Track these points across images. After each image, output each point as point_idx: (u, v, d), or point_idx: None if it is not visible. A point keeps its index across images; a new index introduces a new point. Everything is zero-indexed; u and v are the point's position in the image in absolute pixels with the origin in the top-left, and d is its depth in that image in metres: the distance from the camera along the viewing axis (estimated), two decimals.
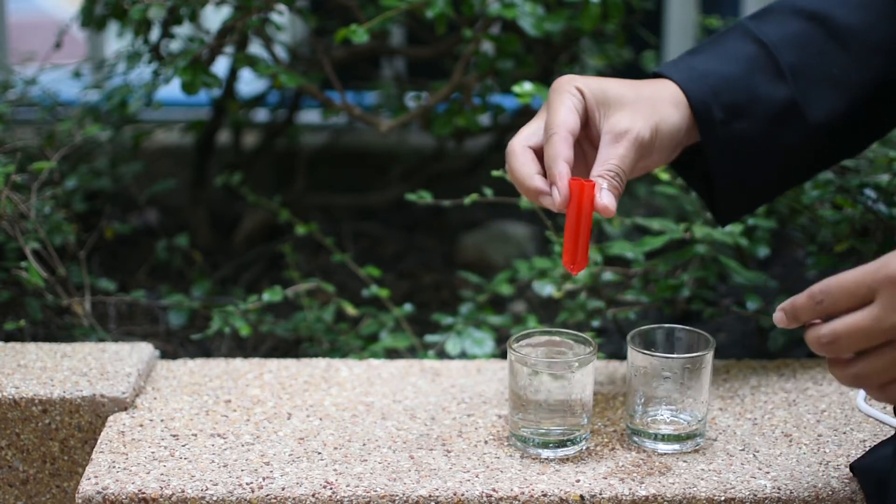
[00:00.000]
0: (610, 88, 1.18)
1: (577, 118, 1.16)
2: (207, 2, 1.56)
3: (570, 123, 1.15)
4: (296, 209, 1.75)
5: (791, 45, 1.24)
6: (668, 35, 2.44)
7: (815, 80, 1.23)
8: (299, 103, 1.93)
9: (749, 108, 1.22)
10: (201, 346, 1.56)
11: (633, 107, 1.17)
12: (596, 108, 1.18)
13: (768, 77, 1.23)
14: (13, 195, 1.46)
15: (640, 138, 1.15)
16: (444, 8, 1.51)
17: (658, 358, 1.16)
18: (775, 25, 1.26)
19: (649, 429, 1.18)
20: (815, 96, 1.23)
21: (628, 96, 1.18)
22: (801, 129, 1.23)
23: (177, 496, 1.11)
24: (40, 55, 1.91)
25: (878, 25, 1.25)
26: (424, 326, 1.57)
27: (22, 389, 1.25)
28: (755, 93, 1.22)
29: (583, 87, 1.17)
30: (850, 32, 1.25)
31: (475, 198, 1.44)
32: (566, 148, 1.14)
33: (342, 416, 1.25)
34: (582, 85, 1.18)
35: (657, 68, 1.26)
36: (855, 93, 1.24)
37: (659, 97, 1.19)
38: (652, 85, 1.21)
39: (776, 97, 1.22)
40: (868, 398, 1.27)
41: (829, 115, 1.24)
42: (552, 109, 1.16)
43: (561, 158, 1.13)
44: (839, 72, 1.24)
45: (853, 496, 1.11)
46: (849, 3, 1.26)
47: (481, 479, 1.13)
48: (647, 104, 1.18)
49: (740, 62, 1.23)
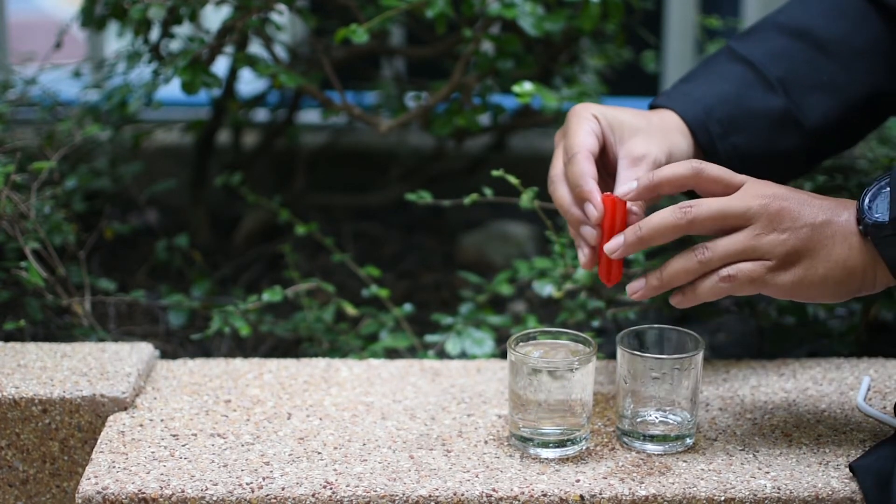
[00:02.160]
0: (624, 116, 1.25)
1: (596, 140, 1.22)
2: (207, 2, 1.56)
3: (589, 144, 1.21)
4: (295, 209, 1.75)
5: (777, 59, 1.31)
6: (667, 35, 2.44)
7: (806, 88, 1.29)
8: (299, 103, 1.93)
9: (744, 121, 1.28)
10: (201, 346, 1.56)
11: (647, 134, 1.24)
12: (611, 134, 1.24)
13: (759, 91, 1.29)
14: (13, 195, 1.45)
15: (657, 162, 1.22)
16: (444, 8, 1.51)
17: (647, 358, 1.17)
18: (759, 43, 1.32)
19: (638, 429, 1.18)
20: (809, 103, 1.29)
21: (641, 124, 1.25)
22: (799, 134, 1.29)
23: (177, 496, 1.11)
24: (40, 55, 1.90)
25: (858, 31, 1.31)
26: (424, 326, 1.57)
27: (22, 389, 1.25)
28: (748, 106, 1.29)
29: (598, 113, 1.24)
30: (831, 41, 1.31)
31: (475, 198, 1.44)
32: (589, 165, 1.20)
33: (342, 415, 1.25)
34: (597, 112, 1.24)
35: (656, 99, 1.32)
36: (846, 94, 1.30)
37: (667, 126, 1.26)
38: (659, 115, 1.28)
39: (770, 108, 1.29)
40: (868, 398, 1.27)
41: (825, 117, 1.29)
42: (571, 133, 1.23)
43: (587, 175, 1.19)
44: (828, 78, 1.30)
45: (853, 496, 1.11)
46: (826, 13, 1.32)
47: (481, 479, 1.13)
48: (659, 132, 1.25)
49: (730, 81, 1.30)
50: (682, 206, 1.13)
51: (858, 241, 1.11)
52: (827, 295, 1.13)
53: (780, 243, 1.11)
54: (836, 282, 1.12)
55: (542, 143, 2.15)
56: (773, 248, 1.11)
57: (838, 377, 1.32)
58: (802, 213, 1.12)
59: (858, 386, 1.30)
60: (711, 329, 1.55)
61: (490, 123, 1.87)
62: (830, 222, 1.12)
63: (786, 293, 1.13)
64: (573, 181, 1.20)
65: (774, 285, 1.12)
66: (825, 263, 1.11)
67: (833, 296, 1.13)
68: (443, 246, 1.95)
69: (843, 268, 1.11)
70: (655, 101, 1.32)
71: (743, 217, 1.12)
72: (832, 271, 1.11)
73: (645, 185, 1.16)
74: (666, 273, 1.15)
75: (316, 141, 2.12)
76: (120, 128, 1.85)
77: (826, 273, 1.11)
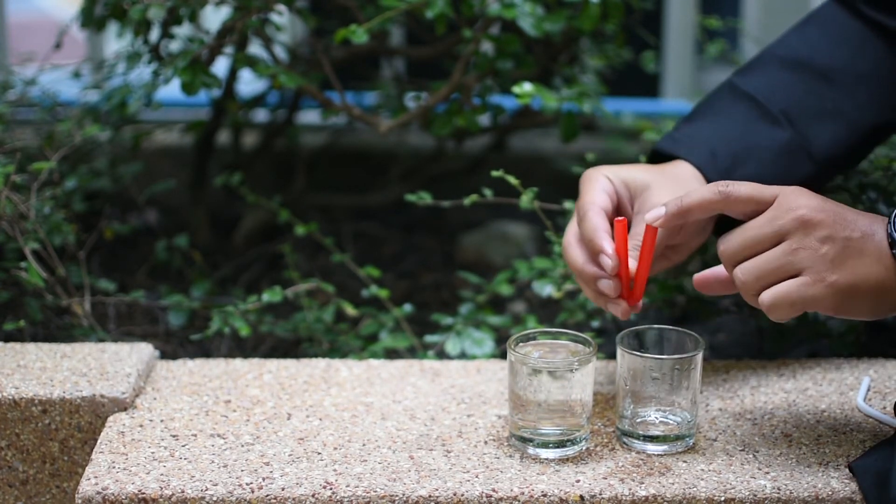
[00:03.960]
0: (636, 173, 1.26)
1: (608, 198, 1.23)
2: (207, 2, 1.56)
3: (601, 202, 1.22)
4: (295, 209, 1.75)
5: (779, 91, 1.31)
6: (667, 35, 2.44)
7: (812, 117, 1.30)
8: (299, 104, 1.93)
9: (751, 154, 1.28)
10: (201, 346, 1.56)
11: (660, 186, 1.24)
12: (626, 191, 1.25)
13: (764, 125, 1.30)
14: (13, 195, 1.46)
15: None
16: (444, 8, 1.51)
17: (647, 358, 1.17)
18: (760, 77, 1.33)
19: (638, 430, 1.18)
20: (816, 131, 1.29)
21: (654, 178, 1.25)
22: (810, 162, 1.29)
23: (176, 496, 1.11)
24: (40, 55, 1.90)
25: (860, 56, 1.32)
26: (424, 327, 1.57)
27: (22, 390, 1.25)
28: (754, 142, 1.29)
29: (610, 174, 1.25)
30: (832, 69, 1.31)
31: (475, 199, 1.44)
32: (602, 220, 1.20)
33: (342, 416, 1.25)
34: (609, 172, 1.25)
35: (660, 143, 1.32)
36: (853, 119, 1.30)
37: (680, 176, 1.26)
38: (671, 167, 1.28)
39: (775, 141, 1.29)
40: (868, 398, 1.27)
41: (833, 144, 1.30)
42: (583, 194, 1.24)
43: (600, 230, 1.20)
44: (832, 105, 1.30)
45: (853, 496, 1.11)
46: (826, 42, 1.33)
47: (481, 479, 1.13)
48: (672, 182, 1.25)
49: (734, 119, 1.30)
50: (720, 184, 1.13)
51: (892, 262, 1.09)
52: (865, 312, 1.11)
53: (819, 258, 1.09)
54: (874, 301, 1.10)
55: (542, 144, 2.15)
56: (812, 263, 1.09)
57: (838, 377, 1.32)
58: (838, 227, 1.09)
59: (858, 386, 1.30)
60: (711, 329, 1.55)
61: (490, 124, 1.88)
62: (866, 238, 1.09)
63: (827, 307, 1.10)
64: (586, 236, 1.20)
65: (814, 300, 1.09)
66: (864, 282, 1.09)
67: (871, 314, 1.11)
68: (443, 246, 1.95)
69: (880, 288, 1.09)
70: (660, 145, 1.32)
71: (777, 235, 1.10)
72: (870, 291, 1.09)
73: (673, 212, 1.14)
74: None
75: (316, 141, 2.12)
76: (120, 128, 1.85)
77: (864, 292, 1.09)
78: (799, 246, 1.09)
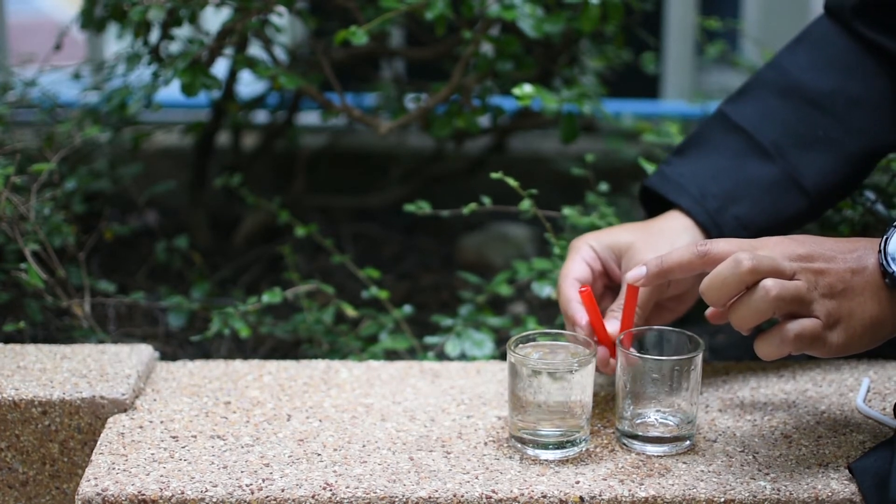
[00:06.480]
0: (621, 235, 1.27)
1: (586, 267, 1.26)
2: (207, 3, 1.56)
3: (576, 272, 1.25)
4: (295, 210, 1.75)
5: (770, 121, 1.30)
6: (667, 36, 2.44)
7: (803, 147, 1.29)
8: (299, 105, 1.93)
9: (742, 191, 1.28)
10: (201, 347, 1.56)
11: (645, 244, 1.25)
12: (611, 256, 1.27)
13: (754, 160, 1.29)
14: (13, 197, 1.46)
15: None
16: (444, 9, 1.51)
17: (646, 360, 1.17)
18: (752, 106, 1.32)
19: (638, 431, 1.18)
20: (807, 161, 1.29)
21: (639, 237, 1.26)
22: (801, 195, 1.29)
23: (176, 498, 1.11)
24: (40, 57, 1.90)
25: (852, 80, 1.30)
26: (424, 328, 1.57)
27: (22, 391, 1.26)
28: (745, 177, 1.29)
29: (593, 241, 1.27)
30: (823, 94, 1.30)
31: (473, 207, 1.44)
32: (574, 291, 1.23)
33: (342, 417, 1.25)
34: (593, 240, 1.27)
35: (649, 180, 1.33)
36: (845, 148, 1.29)
37: (667, 231, 1.27)
38: (657, 222, 1.28)
39: (766, 175, 1.28)
40: (867, 399, 1.27)
41: (825, 175, 1.29)
42: (565, 263, 1.27)
43: (573, 301, 1.23)
44: (823, 132, 1.29)
45: (853, 497, 1.11)
46: (817, 64, 1.32)
47: (481, 480, 1.13)
48: (658, 237, 1.26)
49: (724, 154, 1.30)
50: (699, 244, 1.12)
51: (887, 295, 1.09)
52: (863, 347, 1.11)
53: (821, 305, 1.08)
54: (872, 335, 1.10)
55: (542, 145, 2.15)
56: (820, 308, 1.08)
57: (838, 378, 1.32)
58: (831, 265, 1.09)
59: (858, 387, 1.30)
60: (711, 330, 1.55)
61: (489, 125, 1.88)
62: (861, 270, 1.09)
63: (832, 352, 1.10)
64: (562, 308, 1.24)
65: (825, 344, 1.09)
66: (861, 322, 1.09)
67: (868, 346, 1.11)
68: (442, 247, 1.95)
69: (878, 323, 1.09)
70: (650, 183, 1.32)
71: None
72: (868, 328, 1.09)
73: (654, 272, 1.15)
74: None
75: (316, 142, 2.12)
76: (119, 129, 1.85)
77: (864, 331, 1.09)
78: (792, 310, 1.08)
